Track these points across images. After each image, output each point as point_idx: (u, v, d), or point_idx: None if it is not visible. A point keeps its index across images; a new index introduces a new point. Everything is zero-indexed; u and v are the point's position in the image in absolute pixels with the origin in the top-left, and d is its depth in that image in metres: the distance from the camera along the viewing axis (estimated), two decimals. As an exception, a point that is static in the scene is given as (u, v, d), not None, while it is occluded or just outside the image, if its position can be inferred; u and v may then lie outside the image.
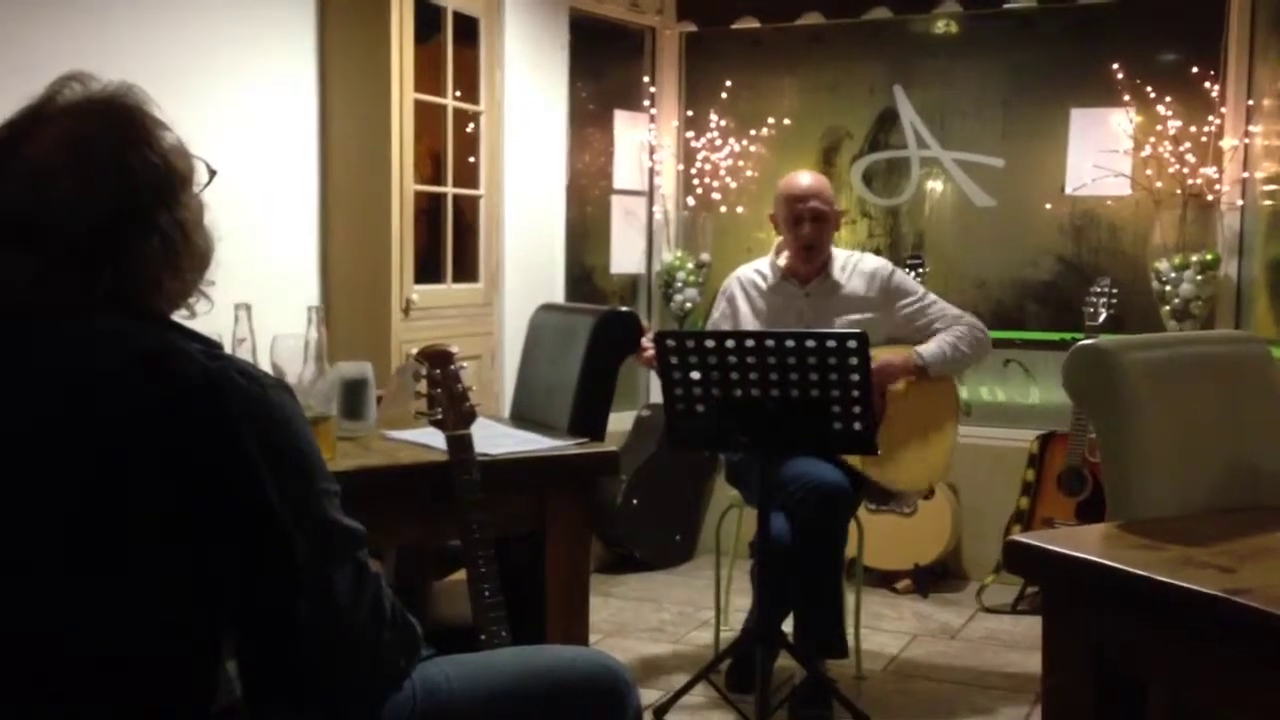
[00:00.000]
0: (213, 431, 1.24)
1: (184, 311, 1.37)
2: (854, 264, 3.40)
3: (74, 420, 1.23)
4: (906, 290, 3.38)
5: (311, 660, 1.34)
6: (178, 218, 1.32)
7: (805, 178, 3.38)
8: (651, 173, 5.04)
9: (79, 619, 1.21)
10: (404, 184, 3.62)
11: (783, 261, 3.41)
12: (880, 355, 3.12)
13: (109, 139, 1.29)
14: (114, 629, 1.22)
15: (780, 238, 3.43)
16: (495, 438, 2.39)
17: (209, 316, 1.40)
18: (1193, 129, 4.19)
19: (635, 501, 4.56)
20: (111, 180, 1.28)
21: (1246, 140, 4.19)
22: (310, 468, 1.32)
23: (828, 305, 3.34)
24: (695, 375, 2.69)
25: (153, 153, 1.30)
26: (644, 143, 5.02)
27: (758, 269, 3.47)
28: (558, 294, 4.52)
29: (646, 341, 2.93)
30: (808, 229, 3.30)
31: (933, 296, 3.42)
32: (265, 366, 2.12)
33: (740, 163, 4.91)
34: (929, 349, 3.27)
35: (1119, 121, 4.30)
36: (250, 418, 1.25)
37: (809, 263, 3.35)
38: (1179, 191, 4.21)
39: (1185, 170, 4.17)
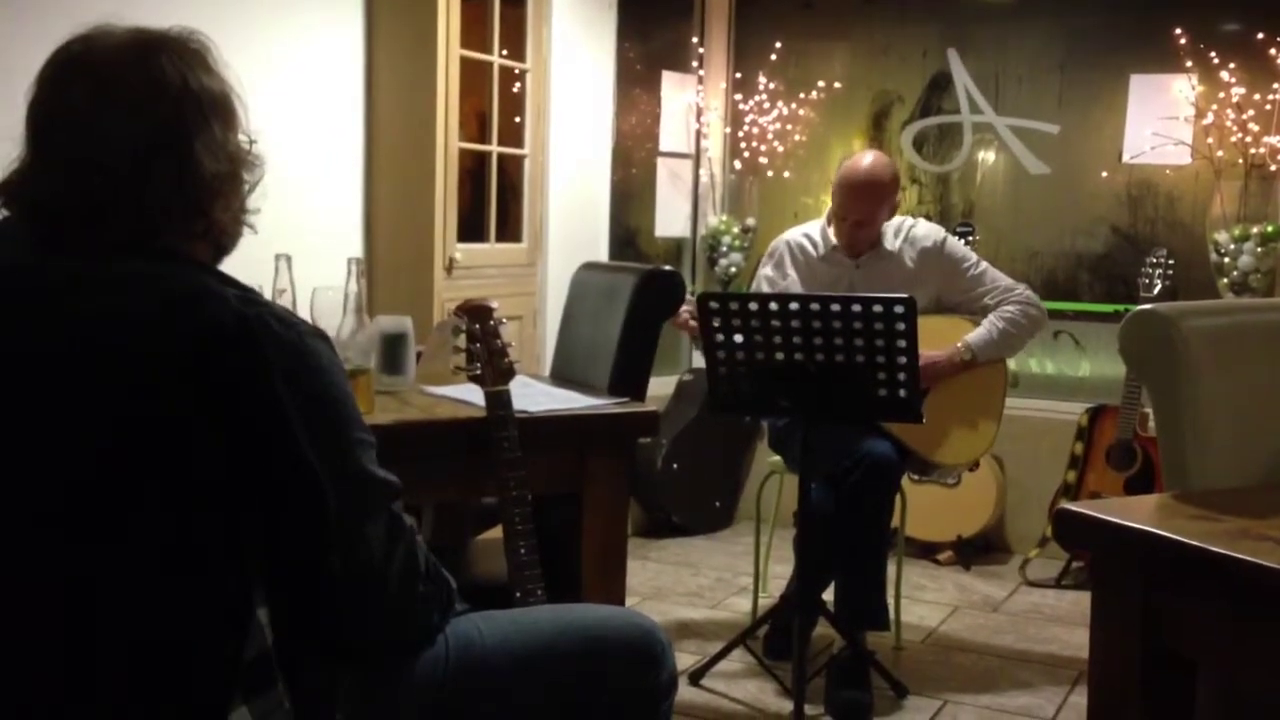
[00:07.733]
0: (246, 377, 1.21)
1: (235, 234, 1.35)
2: (906, 231, 3.31)
3: (105, 364, 1.21)
4: (959, 258, 3.30)
5: (343, 613, 1.32)
6: (227, 147, 1.30)
7: (860, 172, 3.20)
8: (698, 135, 4.98)
9: (106, 568, 1.20)
10: (449, 141, 3.60)
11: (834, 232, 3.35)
12: (924, 353, 3.05)
13: (150, 72, 1.27)
14: (142, 577, 1.21)
15: None
16: (534, 396, 2.37)
17: (250, 266, 1.38)
18: (1256, 97, 4.08)
19: (675, 466, 4.54)
20: (155, 110, 1.26)
21: (1313, 109, 4.07)
22: (345, 417, 1.29)
23: (880, 277, 3.25)
24: (738, 339, 2.65)
25: (200, 86, 1.28)
26: (691, 105, 4.96)
27: (807, 233, 3.39)
28: (601, 256, 4.49)
29: (687, 307, 2.89)
30: (848, 229, 3.24)
31: (985, 264, 3.34)
32: (305, 318, 2.11)
33: (789, 126, 4.84)
34: (978, 338, 3.18)
35: (1180, 88, 4.19)
36: (285, 364, 1.23)
37: (852, 250, 3.29)
38: (1241, 161, 4.11)
39: (1248, 139, 4.06)
